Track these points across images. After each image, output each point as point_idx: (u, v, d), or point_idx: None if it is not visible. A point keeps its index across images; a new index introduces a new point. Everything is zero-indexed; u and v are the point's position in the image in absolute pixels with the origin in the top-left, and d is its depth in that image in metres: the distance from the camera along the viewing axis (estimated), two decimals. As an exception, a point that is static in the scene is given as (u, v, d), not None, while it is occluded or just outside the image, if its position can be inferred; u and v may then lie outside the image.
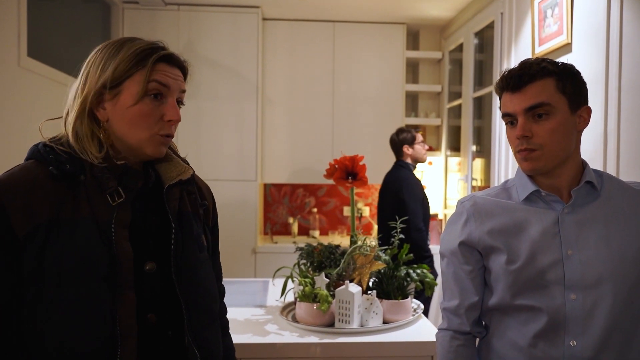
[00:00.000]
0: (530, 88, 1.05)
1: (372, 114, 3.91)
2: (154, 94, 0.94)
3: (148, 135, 0.95)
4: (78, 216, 0.89)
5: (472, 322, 1.17)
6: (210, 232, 1.12)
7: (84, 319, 0.86)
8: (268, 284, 2.40)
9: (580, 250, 1.04)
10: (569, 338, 1.03)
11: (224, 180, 3.64)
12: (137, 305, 0.91)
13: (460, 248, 1.15)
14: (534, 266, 1.05)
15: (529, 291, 1.06)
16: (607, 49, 2.01)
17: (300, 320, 1.74)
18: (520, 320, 1.08)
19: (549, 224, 1.07)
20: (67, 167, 0.90)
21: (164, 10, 3.58)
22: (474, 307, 1.16)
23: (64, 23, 2.97)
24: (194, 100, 3.60)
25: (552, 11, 2.41)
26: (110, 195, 0.91)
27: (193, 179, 1.07)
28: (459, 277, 1.16)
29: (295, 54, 3.85)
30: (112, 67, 0.92)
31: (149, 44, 0.95)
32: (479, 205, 1.14)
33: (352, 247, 1.78)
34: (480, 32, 3.47)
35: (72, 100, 0.96)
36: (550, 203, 1.09)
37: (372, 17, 3.80)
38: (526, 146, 1.06)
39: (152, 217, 0.98)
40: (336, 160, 1.94)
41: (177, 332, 0.97)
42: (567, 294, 1.03)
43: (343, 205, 4.22)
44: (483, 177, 3.51)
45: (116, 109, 0.94)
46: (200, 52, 3.61)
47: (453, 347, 1.16)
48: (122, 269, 0.89)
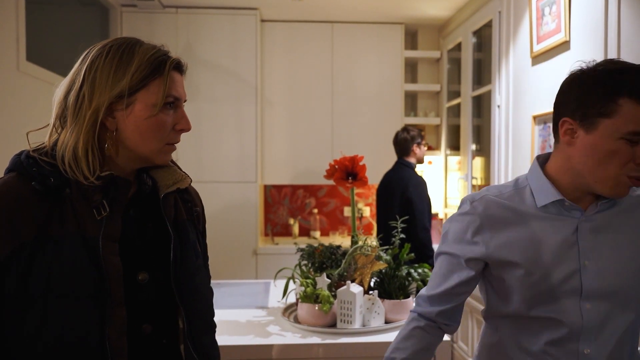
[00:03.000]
0: None
1: (372, 114, 3.91)
2: (169, 104, 0.92)
3: (160, 146, 0.93)
4: (64, 232, 0.85)
5: (438, 313, 1.12)
6: (201, 236, 1.10)
7: (71, 339, 0.83)
8: (269, 285, 2.40)
9: (596, 260, 1.02)
10: (583, 346, 1.02)
11: (225, 182, 3.64)
12: (132, 317, 0.89)
13: (466, 262, 1.08)
14: (552, 278, 1.02)
15: (545, 303, 1.03)
16: (606, 47, 2.01)
17: (302, 321, 1.74)
18: (534, 329, 1.05)
19: (568, 233, 1.03)
20: (50, 180, 0.85)
21: (162, 13, 3.58)
22: (448, 301, 1.11)
23: (62, 27, 2.98)
24: (194, 102, 3.60)
25: (549, 9, 2.41)
26: (96, 208, 0.87)
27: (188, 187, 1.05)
28: (449, 276, 1.11)
29: (294, 55, 3.86)
30: (128, 75, 0.87)
31: (160, 51, 0.93)
32: (492, 210, 1.07)
33: (353, 248, 1.78)
34: (478, 31, 3.47)
35: (74, 109, 0.88)
36: (570, 211, 1.04)
37: (370, 17, 3.80)
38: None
39: (148, 225, 0.96)
40: (336, 161, 1.94)
41: (171, 340, 0.96)
42: (583, 304, 1.01)
43: (343, 205, 4.22)
44: (483, 175, 3.51)
45: (129, 119, 0.89)
46: (199, 54, 3.61)
47: (411, 327, 1.13)
48: (111, 285, 0.86)
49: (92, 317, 0.84)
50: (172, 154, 0.98)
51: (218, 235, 3.57)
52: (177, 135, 0.95)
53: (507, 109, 2.92)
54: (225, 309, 1.98)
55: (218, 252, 3.61)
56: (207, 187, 3.59)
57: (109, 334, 0.85)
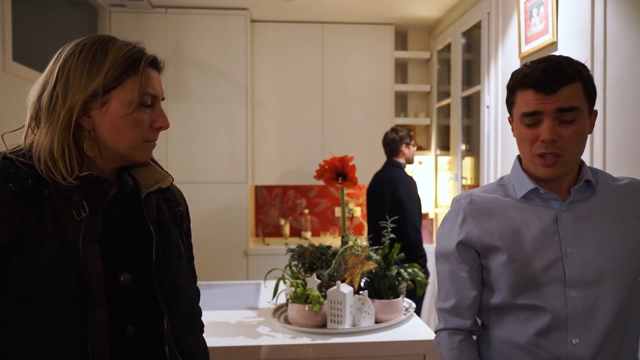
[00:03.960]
0: (564, 90, 1.01)
1: (362, 114, 3.92)
2: (146, 102, 0.91)
3: (139, 143, 0.92)
4: (42, 235, 0.83)
5: (472, 320, 1.16)
6: (185, 236, 1.09)
7: (51, 344, 0.82)
8: (260, 286, 2.40)
9: (579, 247, 1.04)
10: (571, 336, 1.03)
11: (215, 183, 3.63)
12: (114, 318, 0.88)
13: (458, 248, 1.13)
14: (534, 265, 1.05)
15: (529, 290, 1.05)
16: (592, 47, 2.03)
17: (292, 322, 1.74)
18: (521, 319, 1.07)
19: (548, 222, 1.06)
20: (28, 182, 0.84)
21: (151, 13, 3.56)
22: (473, 305, 1.15)
23: (50, 27, 2.95)
24: (184, 103, 3.59)
25: (537, 10, 2.43)
26: (75, 209, 0.86)
27: (170, 186, 1.04)
28: (456, 277, 1.14)
29: (284, 55, 3.86)
30: (102, 74, 0.86)
31: (135, 47, 0.92)
32: (477, 203, 1.12)
33: (343, 248, 1.78)
34: (467, 31, 3.49)
35: (48, 109, 0.87)
36: (548, 201, 1.08)
37: (360, 18, 3.81)
38: (552, 150, 1.02)
39: (130, 225, 0.95)
40: (326, 161, 1.94)
41: (156, 340, 0.95)
42: (568, 292, 1.03)
43: (334, 206, 4.22)
44: (473, 175, 3.53)
45: (105, 118, 0.88)
46: (189, 54, 3.59)
47: (455, 342, 1.14)
48: (92, 287, 0.84)
49: (73, 319, 0.83)
50: (152, 151, 0.97)
51: (209, 236, 3.56)
52: (156, 133, 0.95)
53: (497, 109, 2.94)
54: (216, 310, 1.97)
55: (209, 253, 3.61)
56: (198, 188, 3.58)
57: (91, 336, 0.84)
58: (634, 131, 1.83)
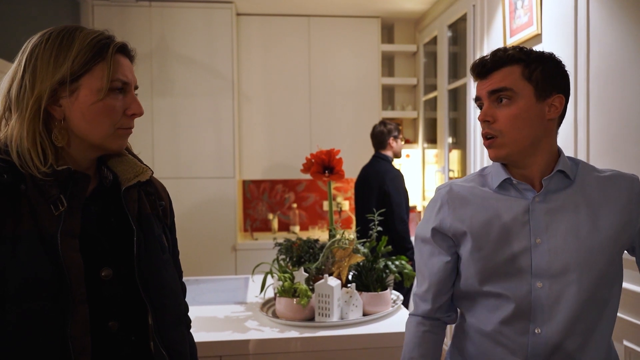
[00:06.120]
0: (495, 74, 1.06)
1: (349, 107, 3.91)
2: (117, 89, 0.91)
3: (112, 131, 0.91)
4: (20, 231, 0.82)
5: (438, 308, 1.18)
6: (169, 231, 1.08)
7: (31, 342, 0.81)
8: (248, 280, 2.40)
9: (549, 238, 1.05)
10: (534, 326, 1.04)
11: (202, 178, 3.60)
12: (97, 314, 0.87)
13: (432, 234, 1.16)
14: (502, 254, 1.06)
15: (496, 278, 1.07)
16: (575, 39, 2.05)
17: (280, 316, 1.74)
18: (488, 307, 1.09)
19: (520, 212, 1.07)
20: (4, 177, 0.83)
21: (135, 6, 3.51)
22: (442, 292, 1.17)
23: (31, 20, 2.89)
24: (169, 97, 3.55)
25: (522, 2, 2.44)
26: (53, 204, 0.85)
27: (151, 179, 1.03)
28: (429, 263, 1.17)
29: (271, 49, 3.83)
30: (69, 61, 0.86)
31: (103, 34, 0.91)
32: (454, 192, 1.15)
33: (330, 241, 1.78)
34: (453, 24, 3.50)
35: (17, 99, 0.86)
36: (522, 191, 1.09)
37: (346, 11, 3.80)
38: (487, 130, 1.07)
39: (110, 220, 0.94)
40: (313, 155, 1.94)
41: (140, 336, 0.94)
42: (534, 282, 1.04)
43: (322, 200, 4.22)
44: (460, 168, 3.56)
45: (75, 106, 0.88)
46: (174, 48, 3.55)
47: (419, 332, 1.18)
48: (71, 282, 0.83)
49: (53, 315, 0.82)
50: (127, 139, 0.96)
51: (197, 231, 3.55)
52: (130, 121, 0.94)
53: (482, 101, 2.95)
54: (204, 305, 1.96)
55: (197, 248, 3.59)
56: (185, 183, 3.55)
57: (72, 332, 0.83)
58: (617, 122, 1.85)
